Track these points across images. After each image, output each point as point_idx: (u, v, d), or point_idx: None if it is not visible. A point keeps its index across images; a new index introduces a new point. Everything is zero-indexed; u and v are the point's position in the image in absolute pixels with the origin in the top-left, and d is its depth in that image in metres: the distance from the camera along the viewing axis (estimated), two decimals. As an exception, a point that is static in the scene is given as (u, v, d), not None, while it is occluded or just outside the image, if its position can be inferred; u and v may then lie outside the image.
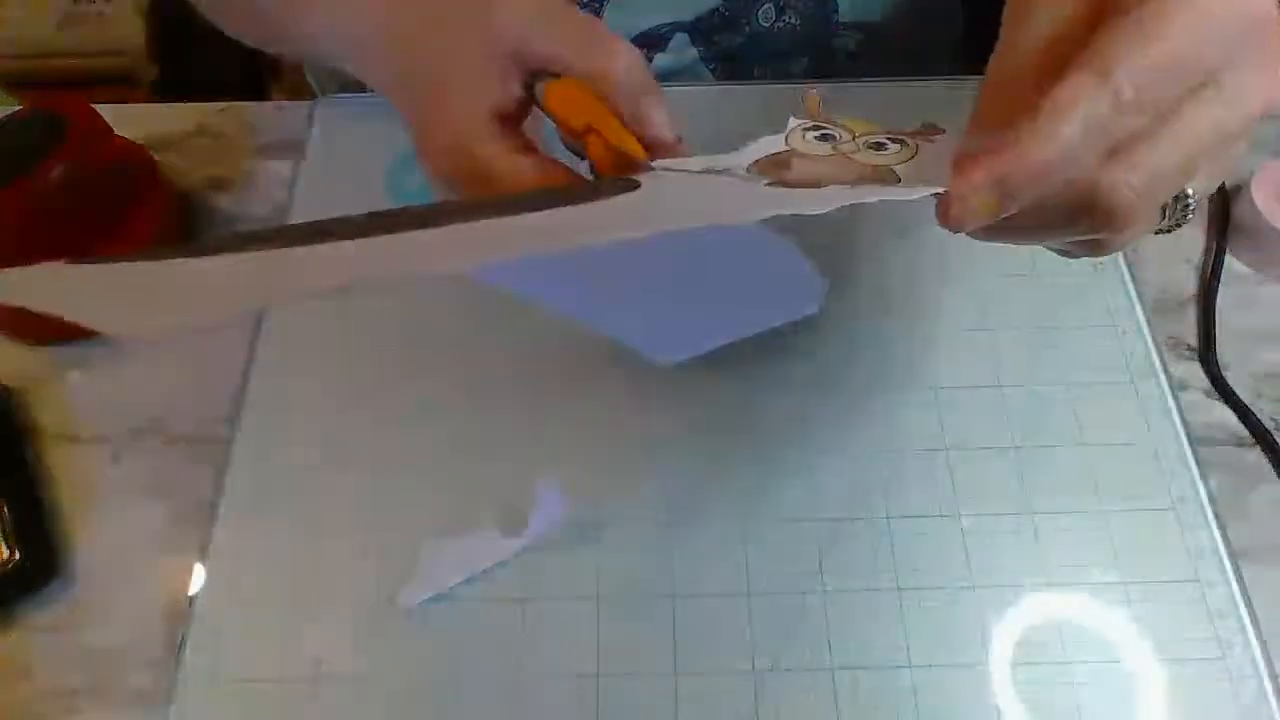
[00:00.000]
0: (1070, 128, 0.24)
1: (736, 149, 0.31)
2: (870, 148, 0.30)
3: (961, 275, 0.48)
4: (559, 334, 0.46)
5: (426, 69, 0.36)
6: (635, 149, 0.32)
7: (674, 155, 0.34)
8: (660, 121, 0.34)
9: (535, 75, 0.35)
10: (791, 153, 0.30)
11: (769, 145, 0.31)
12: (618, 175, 0.32)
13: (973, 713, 0.36)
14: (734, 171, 0.30)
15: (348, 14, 0.40)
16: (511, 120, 0.35)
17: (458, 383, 0.45)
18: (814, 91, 0.33)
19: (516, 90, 0.35)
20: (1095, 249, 0.29)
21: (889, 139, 0.30)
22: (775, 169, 0.29)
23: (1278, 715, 0.36)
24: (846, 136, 0.31)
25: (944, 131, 0.31)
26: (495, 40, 0.34)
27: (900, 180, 0.28)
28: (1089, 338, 0.46)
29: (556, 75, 0.34)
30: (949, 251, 0.49)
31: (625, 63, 0.33)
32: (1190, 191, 0.29)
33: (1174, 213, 0.29)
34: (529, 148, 0.34)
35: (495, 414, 0.44)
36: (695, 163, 0.31)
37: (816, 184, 0.28)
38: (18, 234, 0.44)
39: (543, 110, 0.35)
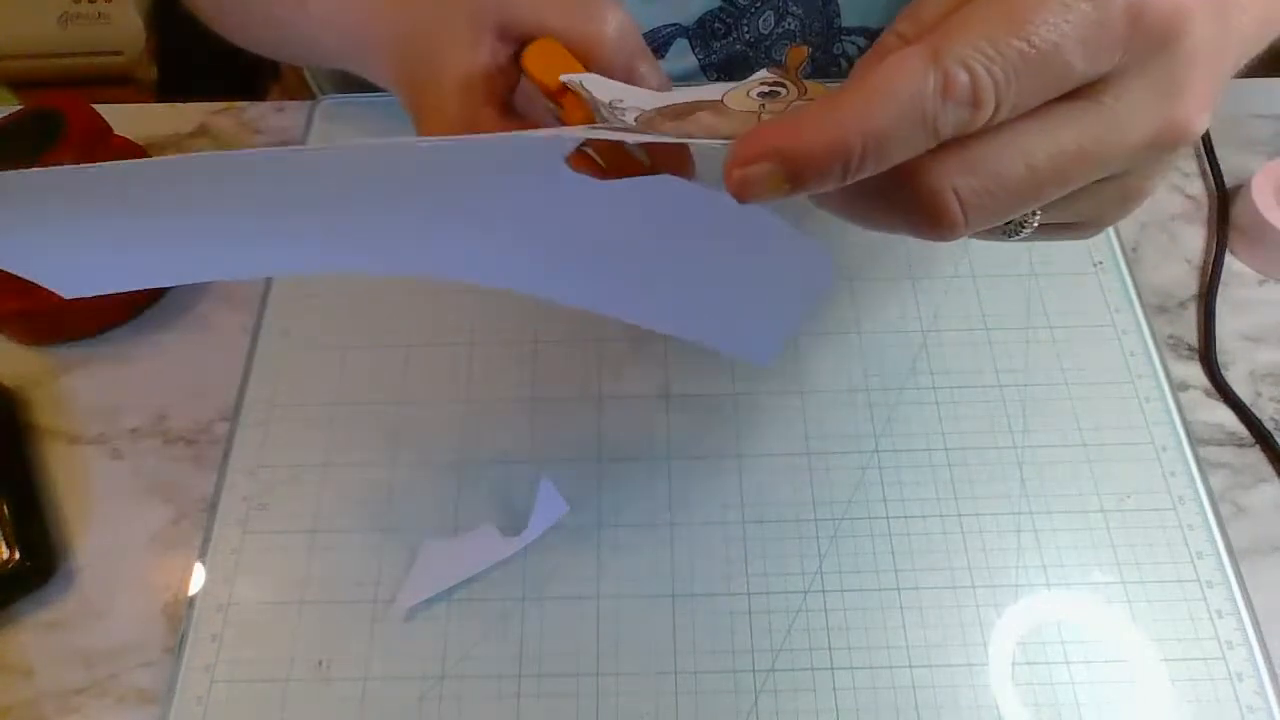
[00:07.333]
0: (878, 111, 0.21)
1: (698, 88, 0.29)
2: (764, 96, 0.27)
3: (960, 273, 0.48)
4: (559, 334, 0.46)
5: (417, 51, 0.35)
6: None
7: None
8: (652, 79, 0.33)
9: (523, 45, 0.34)
10: (702, 104, 0.28)
11: (707, 93, 0.28)
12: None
13: (973, 712, 0.36)
14: (632, 110, 0.28)
15: (341, 7, 0.40)
16: (498, 92, 0.34)
17: (458, 382, 0.45)
18: (803, 46, 0.29)
19: (501, 61, 0.34)
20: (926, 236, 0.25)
21: (786, 83, 0.28)
22: (676, 117, 0.27)
23: (1278, 715, 0.36)
24: (795, 94, 0.28)
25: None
26: (480, 12, 0.34)
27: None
28: (1089, 337, 0.46)
29: None
30: (948, 250, 0.49)
31: (615, 25, 0.33)
32: (1035, 215, 0.25)
33: (1009, 225, 0.26)
34: (516, 117, 0.34)
35: (495, 414, 0.44)
36: (631, 93, 0.29)
37: (695, 136, 0.26)
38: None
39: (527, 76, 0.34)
